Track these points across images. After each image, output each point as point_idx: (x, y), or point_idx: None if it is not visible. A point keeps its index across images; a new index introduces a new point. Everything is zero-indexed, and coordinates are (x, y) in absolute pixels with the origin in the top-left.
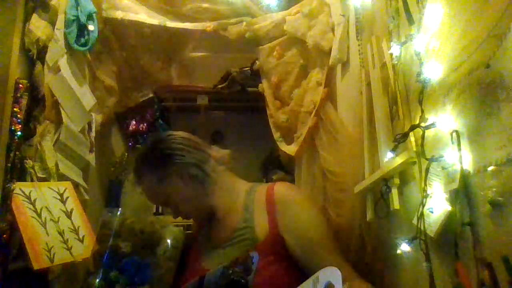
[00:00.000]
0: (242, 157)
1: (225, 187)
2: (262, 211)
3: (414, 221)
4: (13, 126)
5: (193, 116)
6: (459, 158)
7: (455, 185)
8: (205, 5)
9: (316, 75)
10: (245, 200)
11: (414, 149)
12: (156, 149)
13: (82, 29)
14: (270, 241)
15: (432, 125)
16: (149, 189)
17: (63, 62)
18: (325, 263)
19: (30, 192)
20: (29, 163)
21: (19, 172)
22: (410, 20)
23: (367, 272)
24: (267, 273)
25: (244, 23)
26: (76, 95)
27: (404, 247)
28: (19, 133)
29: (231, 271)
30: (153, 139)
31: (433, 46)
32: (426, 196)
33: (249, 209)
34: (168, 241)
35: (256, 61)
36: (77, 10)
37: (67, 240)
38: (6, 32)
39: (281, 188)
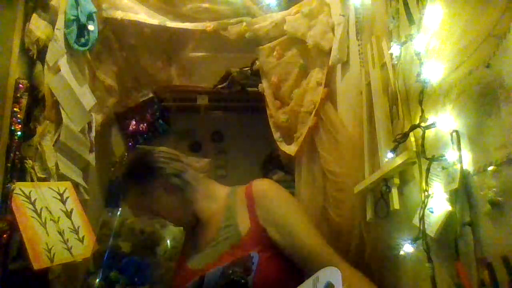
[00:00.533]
0: (242, 157)
1: (207, 193)
2: (243, 208)
3: (414, 221)
4: (13, 126)
5: (193, 116)
6: (459, 158)
7: (455, 185)
8: (205, 5)
9: (316, 75)
10: (227, 202)
11: (414, 149)
12: (137, 166)
13: (82, 29)
14: (253, 234)
15: (432, 125)
16: (136, 204)
17: (63, 62)
18: (306, 247)
19: (30, 192)
20: (29, 163)
21: (19, 172)
22: (411, 20)
23: (367, 272)
24: (266, 273)
25: (244, 23)
26: (76, 95)
27: (404, 247)
28: (19, 133)
29: (231, 271)
30: (133, 157)
31: (433, 46)
32: (427, 196)
33: (230, 209)
34: (168, 241)
35: (256, 61)
36: (77, 10)
37: (67, 240)
38: (6, 32)
39: (258, 183)
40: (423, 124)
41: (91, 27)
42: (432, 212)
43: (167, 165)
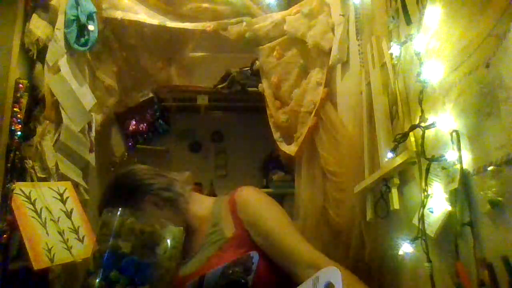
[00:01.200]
0: (242, 157)
1: (196, 203)
2: (227, 214)
3: (414, 221)
4: (13, 126)
5: (193, 116)
6: (459, 158)
7: (455, 185)
8: (205, 5)
9: (316, 75)
10: (213, 210)
11: (414, 149)
12: (123, 185)
13: (82, 29)
14: (239, 237)
15: (432, 125)
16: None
17: (63, 62)
18: (284, 247)
19: (30, 192)
20: (29, 163)
21: (19, 172)
22: (408, 20)
23: (367, 271)
24: (267, 272)
25: (244, 23)
26: (76, 95)
27: (404, 247)
28: (19, 133)
29: (231, 271)
30: (115, 178)
31: (433, 46)
32: (426, 196)
33: (216, 216)
34: (168, 241)
35: (256, 61)
36: (77, 10)
37: (67, 240)
38: (6, 32)
39: (240, 190)
40: (423, 124)
41: (91, 27)
42: (432, 212)
43: (155, 180)
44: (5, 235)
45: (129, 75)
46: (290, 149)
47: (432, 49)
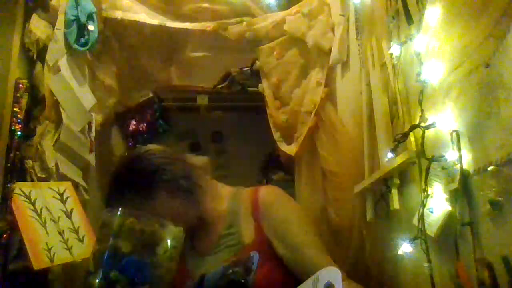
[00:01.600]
0: (242, 157)
1: (213, 194)
2: (247, 216)
3: (414, 222)
4: (13, 126)
5: (193, 116)
6: (459, 158)
7: (455, 185)
8: (205, 5)
9: (316, 75)
10: (230, 206)
11: (414, 149)
12: (137, 169)
13: (82, 29)
14: (257, 244)
15: (432, 125)
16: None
17: (63, 62)
18: (312, 263)
19: (30, 192)
20: (29, 163)
21: (19, 172)
22: (409, 20)
23: (367, 272)
24: (266, 273)
25: (244, 23)
26: (76, 95)
27: (404, 247)
28: (19, 133)
29: (231, 271)
30: (129, 159)
31: (433, 46)
32: (426, 196)
33: (234, 215)
34: (168, 241)
35: (256, 61)
36: (77, 10)
37: (67, 240)
38: (6, 32)
39: (264, 192)
40: (423, 124)
41: (91, 27)
42: (432, 212)
43: (171, 166)
44: (5, 235)
45: (129, 75)
46: (290, 149)
47: (432, 49)
